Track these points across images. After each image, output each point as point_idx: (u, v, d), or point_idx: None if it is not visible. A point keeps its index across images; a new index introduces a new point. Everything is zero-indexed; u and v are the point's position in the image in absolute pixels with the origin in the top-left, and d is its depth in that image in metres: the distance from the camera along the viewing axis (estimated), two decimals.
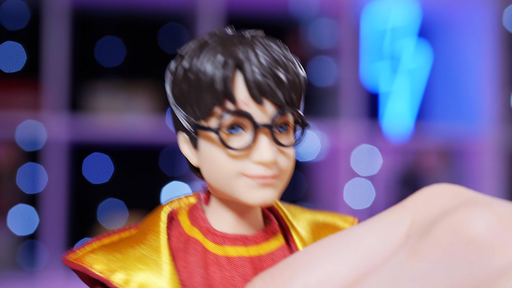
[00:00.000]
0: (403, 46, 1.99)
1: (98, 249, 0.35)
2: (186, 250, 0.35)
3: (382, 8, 1.92)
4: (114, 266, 0.34)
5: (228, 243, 0.35)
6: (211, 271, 0.34)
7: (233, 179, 0.34)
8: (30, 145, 1.74)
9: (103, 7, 1.85)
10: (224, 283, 0.34)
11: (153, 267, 0.34)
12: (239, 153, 0.34)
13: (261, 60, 0.34)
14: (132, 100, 1.77)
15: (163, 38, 1.91)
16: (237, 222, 0.36)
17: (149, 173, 1.87)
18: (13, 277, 1.63)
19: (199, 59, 0.34)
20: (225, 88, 0.34)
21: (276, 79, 0.34)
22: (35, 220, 1.71)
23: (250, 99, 0.34)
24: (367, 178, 1.86)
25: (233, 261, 0.35)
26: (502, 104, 1.88)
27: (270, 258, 0.36)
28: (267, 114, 0.34)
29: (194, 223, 0.36)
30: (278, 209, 0.39)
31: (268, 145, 0.34)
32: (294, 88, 0.35)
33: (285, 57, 0.35)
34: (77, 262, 0.35)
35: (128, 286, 0.33)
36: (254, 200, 0.34)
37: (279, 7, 1.86)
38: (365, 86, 1.89)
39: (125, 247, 0.35)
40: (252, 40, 0.35)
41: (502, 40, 1.87)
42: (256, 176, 0.34)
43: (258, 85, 0.33)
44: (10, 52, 1.77)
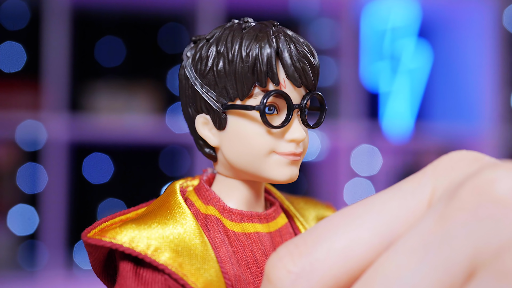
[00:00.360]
0: (403, 46, 1.99)
1: (123, 224, 0.36)
2: (208, 227, 0.37)
3: (382, 8, 1.92)
4: (147, 239, 0.34)
5: (245, 220, 0.37)
6: (234, 247, 0.36)
7: (264, 157, 0.37)
8: (30, 145, 1.74)
9: (103, 7, 1.85)
10: (247, 258, 0.36)
11: (186, 235, 0.34)
12: (277, 131, 0.36)
13: (297, 46, 0.37)
14: (132, 100, 1.77)
15: (163, 38, 1.91)
16: (251, 201, 0.39)
17: (149, 173, 1.88)
18: (13, 277, 1.63)
19: (239, 43, 0.37)
20: (269, 69, 0.36)
21: (310, 64, 0.37)
22: (35, 220, 1.71)
23: (289, 82, 0.37)
24: (367, 177, 1.86)
25: (251, 237, 0.37)
26: (502, 104, 1.88)
27: (278, 234, 0.38)
28: (299, 96, 0.37)
29: (208, 202, 0.38)
30: (274, 193, 0.41)
31: (299, 124, 0.37)
32: (318, 74, 0.38)
33: (310, 45, 0.38)
34: (104, 238, 0.35)
35: (166, 257, 0.33)
36: (282, 176, 0.36)
37: (279, 7, 1.86)
38: (365, 86, 1.89)
39: (150, 221, 0.36)
40: (282, 28, 0.38)
41: (502, 40, 1.87)
42: (288, 153, 0.36)
43: (297, 69, 0.36)
44: (10, 52, 1.77)
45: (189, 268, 0.33)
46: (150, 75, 1.87)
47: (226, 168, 0.39)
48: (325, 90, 1.88)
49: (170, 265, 0.33)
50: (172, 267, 0.33)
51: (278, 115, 0.37)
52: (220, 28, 0.39)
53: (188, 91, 0.39)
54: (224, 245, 0.36)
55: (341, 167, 1.79)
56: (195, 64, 0.39)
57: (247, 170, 0.37)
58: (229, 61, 0.37)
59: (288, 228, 0.39)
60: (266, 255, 0.36)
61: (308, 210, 0.42)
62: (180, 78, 0.40)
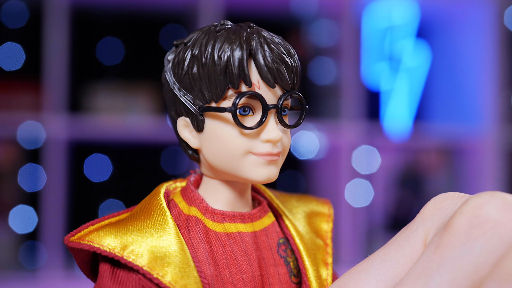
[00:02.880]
0: (404, 45, 1.99)
1: (101, 228, 0.37)
2: (188, 227, 0.37)
3: (383, 8, 1.92)
4: (124, 241, 0.35)
5: (227, 220, 0.38)
6: (214, 247, 0.37)
7: (240, 157, 0.37)
8: (31, 146, 1.74)
9: (103, 8, 1.85)
10: (226, 258, 0.36)
11: (162, 236, 0.35)
12: (250, 132, 0.37)
13: (272, 47, 0.37)
14: (132, 101, 1.77)
15: (163, 38, 1.91)
16: (234, 201, 0.39)
17: (149, 173, 1.88)
18: (14, 276, 1.63)
19: (212, 46, 0.37)
20: (241, 71, 0.36)
21: (285, 65, 0.37)
22: (35, 220, 1.71)
23: (263, 83, 0.37)
24: (367, 177, 1.86)
25: (233, 237, 0.37)
26: (502, 104, 1.88)
27: (264, 233, 0.38)
28: (275, 97, 0.37)
29: (191, 203, 0.38)
30: (264, 192, 0.41)
31: (275, 125, 0.37)
32: (297, 74, 0.38)
33: (288, 45, 0.38)
34: (83, 242, 0.36)
35: (141, 258, 0.34)
36: (259, 177, 0.37)
37: (280, 7, 1.86)
38: (365, 86, 1.89)
39: (129, 224, 0.37)
40: (257, 29, 0.38)
41: (502, 39, 1.87)
42: (263, 154, 0.37)
43: (270, 70, 0.36)
44: (10, 52, 1.77)
45: (166, 269, 0.34)
46: (150, 75, 1.87)
47: (208, 169, 0.40)
48: (326, 90, 1.88)
49: (145, 266, 0.34)
50: (147, 268, 0.34)
51: (254, 116, 0.37)
52: (198, 32, 0.39)
53: (169, 95, 0.40)
54: (202, 245, 0.36)
55: (342, 166, 1.79)
56: (174, 68, 0.39)
57: (226, 171, 0.37)
58: (202, 64, 0.37)
59: (275, 227, 0.39)
60: (247, 254, 0.36)
61: (299, 207, 0.41)
62: (163, 82, 0.41)
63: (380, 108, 1.98)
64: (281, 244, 0.38)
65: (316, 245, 0.38)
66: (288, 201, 0.41)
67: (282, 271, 0.37)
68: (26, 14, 1.80)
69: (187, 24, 1.86)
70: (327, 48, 1.89)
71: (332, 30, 1.87)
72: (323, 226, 0.39)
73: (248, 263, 0.36)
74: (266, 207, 0.40)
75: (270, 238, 0.38)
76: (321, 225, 0.39)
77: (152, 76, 1.87)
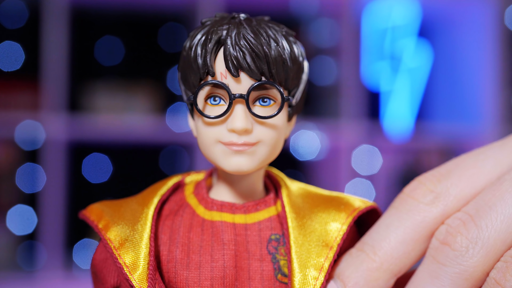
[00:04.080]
0: (404, 45, 1.99)
1: (102, 203, 0.40)
2: (177, 212, 0.38)
3: (383, 8, 1.92)
4: (105, 217, 0.39)
5: (215, 208, 0.38)
6: (193, 232, 0.37)
7: (212, 146, 0.37)
8: (29, 145, 1.74)
9: (102, 7, 1.84)
10: (202, 244, 0.37)
11: (134, 223, 0.37)
12: (214, 121, 0.37)
13: (242, 37, 0.36)
14: (131, 100, 1.77)
15: (162, 38, 1.91)
16: (229, 191, 0.39)
17: (149, 173, 1.87)
18: (12, 277, 1.63)
19: (191, 37, 0.38)
20: (204, 62, 0.36)
21: (253, 54, 0.36)
22: (34, 220, 1.71)
23: (228, 72, 0.36)
24: (368, 177, 1.85)
25: (215, 226, 0.37)
26: (503, 104, 1.88)
27: (257, 227, 0.38)
28: (244, 86, 0.36)
29: (195, 192, 0.39)
30: (280, 184, 0.40)
31: (242, 114, 0.36)
32: (276, 64, 0.37)
33: (271, 36, 0.37)
34: (84, 212, 0.40)
35: (108, 232, 0.37)
36: (229, 167, 0.37)
37: (280, 7, 1.85)
38: (366, 86, 1.89)
39: (120, 204, 0.40)
40: (241, 21, 0.38)
41: (503, 39, 1.87)
42: (227, 143, 0.36)
43: (235, 59, 0.36)
44: (9, 52, 1.76)
45: (123, 246, 0.37)
46: (150, 75, 1.87)
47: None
48: (326, 89, 1.88)
49: (109, 240, 0.37)
50: (110, 241, 0.37)
51: (226, 106, 0.37)
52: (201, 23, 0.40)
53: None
54: (180, 229, 0.37)
55: (342, 167, 1.79)
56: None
57: (209, 160, 0.38)
58: (185, 56, 0.38)
59: (272, 222, 0.38)
60: (223, 244, 0.36)
61: (317, 205, 0.39)
62: None
63: (381, 108, 1.97)
64: (272, 240, 0.37)
65: (314, 247, 0.36)
66: (304, 196, 0.40)
67: (266, 267, 0.36)
68: (25, 14, 1.79)
69: (186, 23, 1.86)
70: (327, 48, 1.89)
71: (332, 29, 1.87)
72: (333, 226, 0.37)
73: (222, 252, 0.36)
74: (268, 201, 0.39)
75: (262, 232, 0.37)
76: (332, 225, 0.37)
77: (151, 76, 1.86)
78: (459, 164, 0.33)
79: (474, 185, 0.31)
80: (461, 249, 0.29)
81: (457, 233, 0.30)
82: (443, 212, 0.31)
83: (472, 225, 0.29)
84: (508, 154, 0.32)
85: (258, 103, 0.37)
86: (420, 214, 0.32)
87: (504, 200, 0.29)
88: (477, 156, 0.32)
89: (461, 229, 0.30)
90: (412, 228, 0.32)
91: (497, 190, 0.29)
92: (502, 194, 0.29)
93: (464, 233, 0.29)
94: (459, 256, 0.29)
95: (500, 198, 0.29)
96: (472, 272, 0.29)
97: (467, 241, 0.29)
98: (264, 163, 0.38)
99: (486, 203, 0.29)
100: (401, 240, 0.32)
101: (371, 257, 0.32)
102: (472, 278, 0.29)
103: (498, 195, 0.29)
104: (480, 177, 0.31)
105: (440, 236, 0.30)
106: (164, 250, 0.37)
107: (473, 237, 0.29)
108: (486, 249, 0.29)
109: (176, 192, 0.40)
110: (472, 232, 0.29)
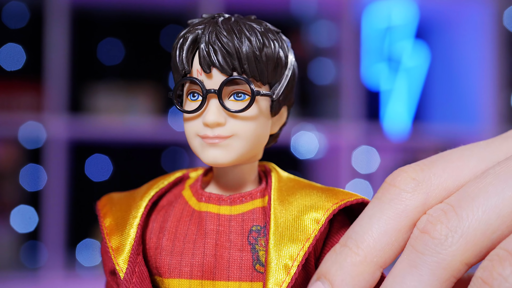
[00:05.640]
0: (403, 46, 2.00)
1: (111, 194, 0.43)
2: (172, 204, 0.41)
3: (382, 9, 1.92)
4: (107, 205, 0.42)
5: (203, 200, 0.40)
6: (182, 222, 0.39)
7: (192, 140, 0.39)
8: (32, 146, 1.75)
9: (104, 9, 1.85)
10: (187, 233, 0.39)
11: (129, 212, 0.40)
12: (192, 115, 0.39)
13: (214, 35, 0.38)
14: (132, 101, 1.78)
15: (164, 39, 1.92)
16: (217, 184, 0.41)
17: (150, 173, 1.88)
18: (15, 275, 1.64)
19: (176, 39, 0.40)
20: (181, 61, 0.39)
21: (223, 51, 0.38)
22: (36, 219, 1.72)
23: (201, 69, 0.38)
24: (366, 176, 1.86)
25: (202, 216, 0.39)
26: (501, 104, 1.89)
27: (241, 218, 0.39)
28: (217, 82, 0.38)
29: (191, 185, 0.42)
30: (271, 177, 0.42)
31: (214, 109, 0.38)
32: (248, 60, 0.38)
33: (245, 33, 0.39)
34: (97, 203, 0.43)
35: (105, 220, 0.40)
36: (206, 158, 0.38)
37: (280, 8, 1.86)
38: (365, 86, 1.90)
39: (125, 195, 0.42)
40: (217, 20, 0.40)
41: (502, 40, 1.88)
42: (203, 136, 0.38)
43: (207, 56, 0.38)
44: (11, 53, 1.77)
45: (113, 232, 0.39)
46: (151, 76, 1.88)
47: None
48: (325, 90, 1.89)
49: (104, 227, 0.40)
50: (104, 228, 0.40)
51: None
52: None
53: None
54: (169, 219, 0.39)
55: (342, 167, 1.80)
56: None
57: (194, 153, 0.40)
58: (171, 56, 0.40)
59: (255, 214, 0.39)
60: (206, 233, 0.38)
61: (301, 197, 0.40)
62: None
63: (380, 108, 1.98)
64: (253, 231, 0.39)
65: (291, 239, 0.37)
66: (293, 189, 0.41)
67: (246, 257, 0.38)
68: (27, 15, 1.81)
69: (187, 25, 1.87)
70: (326, 49, 1.90)
71: (332, 30, 1.87)
72: (313, 218, 0.38)
73: (203, 241, 0.38)
74: (254, 194, 0.40)
75: (244, 223, 0.39)
76: (312, 217, 0.38)
77: (152, 77, 1.87)
78: (444, 156, 0.33)
79: (457, 177, 0.31)
80: (440, 237, 0.29)
81: (437, 221, 0.29)
82: (425, 201, 0.31)
83: (453, 215, 0.29)
84: (493, 152, 0.32)
85: (233, 97, 0.38)
86: (401, 203, 0.31)
87: (487, 192, 0.29)
88: (462, 151, 0.33)
89: (441, 218, 0.29)
90: (393, 218, 0.31)
91: (480, 182, 0.30)
92: (485, 186, 0.29)
93: (444, 221, 0.29)
94: (438, 244, 0.29)
95: (483, 190, 0.29)
96: (451, 261, 0.29)
97: (446, 229, 0.29)
98: (244, 157, 0.39)
99: (468, 194, 0.29)
100: (383, 231, 0.31)
101: (354, 250, 0.32)
102: (450, 268, 0.29)
103: (482, 187, 0.29)
104: (464, 171, 0.32)
105: (421, 225, 0.30)
106: (153, 238, 0.39)
107: (453, 225, 0.29)
108: (465, 239, 0.28)
109: (178, 186, 0.42)
110: (452, 221, 0.29)
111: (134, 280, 0.38)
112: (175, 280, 0.38)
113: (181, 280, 0.38)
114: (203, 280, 0.38)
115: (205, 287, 0.38)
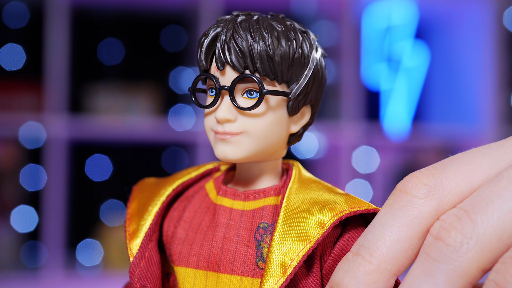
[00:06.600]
0: (403, 46, 2.00)
1: (146, 180, 0.45)
2: (194, 195, 0.42)
3: (382, 9, 1.93)
4: (137, 191, 0.44)
5: (220, 193, 0.41)
6: (199, 213, 0.41)
7: (208, 133, 0.40)
8: (32, 146, 1.75)
9: (104, 9, 1.86)
10: (201, 224, 0.40)
11: (152, 199, 0.41)
12: (208, 110, 0.40)
13: (231, 34, 0.39)
14: (132, 101, 1.78)
15: (164, 40, 1.92)
16: (237, 179, 0.41)
17: (150, 173, 1.88)
18: (15, 275, 1.64)
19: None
20: (199, 57, 0.40)
21: (236, 49, 0.38)
22: (36, 219, 1.72)
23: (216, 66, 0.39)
24: (366, 176, 1.86)
25: (217, 209, 0.40)
26: (501, 104, 1.89)
27: (251, 214, 0.40)
28: (230, 79, 0.39)
29: (215, 178, 0.42)
30: (291, 180, 0.41)
31: (226, 105, 0.39)
32: (261, 59, 0.38)
33: (261, 32, 0.39)
34: (137, 185, 0.45)
35: (131, 205, 0.42)
36: (216, 153, 0.39)
37: (280, 8, 1.86)
38: (365, 86, 1.90)
39: (156, 182, 0.44)
40: (238, 19, 0.40)
41: (501, 40, 1.88)
42: (215, 131, 0.39)
43: (221, 54, 0.38)
44: (12, 53, 1.78)
45: (133, 217, 0.41)
46: (151, 76, 1.88)
47: None
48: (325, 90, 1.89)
49: (128, 212, 0.42)
50: (128, 213, 0.41)
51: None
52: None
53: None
54: (188, 209, 0.41)
55: (342, 166, 1.80)
56: None
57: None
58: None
59: (265, 211, 0.39)
60: (216, 226, 0.39)
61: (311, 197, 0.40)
62: None
63: (380, 108, 1.99)
64: (260, 228, 0.39)
65: (295, 240, 0.37)
66: (310, 189, 0.41)
67: (250, 253, 0.38)
68: (27, 15, 1.81)
69: (187, 25, 1.87)
70: (327, 49, 1.89)
71: (332, 30, 1.88)
72: (318, 223, 0.37)
73: (213, 233, 0.39)
74: (268, 191, 0.40)
75: (254, 219, 0.39)
76: (318, 221, 0.38)
77: (152, 77, 1.87)
78: (455, 160, 0.32)
79: (470, 181, 0.31)
80: (455, 244, 0.28)
81: (452, 228, 0.28)
82: (437, 206, 0.30)
83: (468, 220, 0.28)
84: (506, 153, 0.31)
85: (246, 95, 0.39)
86: (414, 210, 0.30)
87: (502, 197, 0.28)
88: (474, 153, 0.32)
89: (455, 224, 0.28)
90: (406, 225, 0.30)
91: (494, 186, 0.29)
92: (499, 190, 0.28)
93: (458, 228, 0.28)
94: (453, 251, 0.28)
95: (498, 194, 0.28)
96: (467, 268, 0.28)
97: (461, 236, 0.28)
98: (256, 154, 0.39)
99: (482, 199, 0.28)
100: (396, 239, 0.31)
101: (367, 259, 0.31)
102: (466, 275, 0.28)
103: (496, 191, 0.28)
104: (476, 174, 0.31)
105: (434, 231, 0.29)
106: (171, 226, 0.41)
107: (468, 232, 0.28)
108: (481, 245, 0.27)
109: (206, 177, 0.43)
110: (467, 227, 0.28)
111: (142, 265, 0.38)
112: (182, 268, 0.39)
113: (188, 269, 0.39)
114: (208, 271, 0.39)
115: (209, 278, 0.39)
